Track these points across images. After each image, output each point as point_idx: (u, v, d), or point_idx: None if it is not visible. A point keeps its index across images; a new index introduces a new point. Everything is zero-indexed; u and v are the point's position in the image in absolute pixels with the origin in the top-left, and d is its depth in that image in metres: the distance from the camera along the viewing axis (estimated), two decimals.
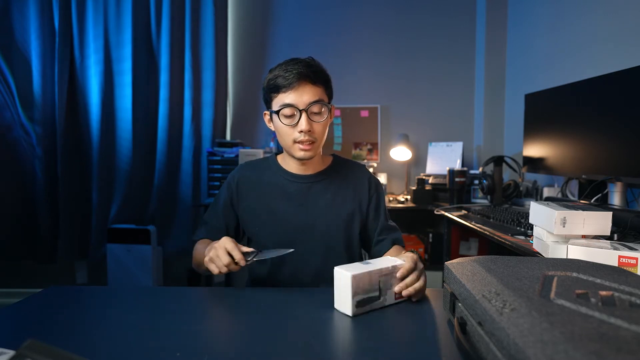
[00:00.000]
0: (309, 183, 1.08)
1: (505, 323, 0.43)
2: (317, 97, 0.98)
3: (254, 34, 2.72)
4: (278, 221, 1.05)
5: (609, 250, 0.80)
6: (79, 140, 2.39)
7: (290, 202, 1.06)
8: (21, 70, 2.25)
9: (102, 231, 2.39)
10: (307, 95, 0.97)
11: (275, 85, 0.98)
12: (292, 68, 0.96)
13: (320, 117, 1.00)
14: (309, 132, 0.98)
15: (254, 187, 1.09)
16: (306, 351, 0.60)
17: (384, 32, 2.71)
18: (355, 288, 0.71)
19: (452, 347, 0.60)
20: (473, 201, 2.29)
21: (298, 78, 0.96)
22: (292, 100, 0.97)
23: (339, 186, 1.09)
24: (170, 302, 0.80)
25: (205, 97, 2.54)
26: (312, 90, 0.98)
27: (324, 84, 1.02)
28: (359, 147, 2.70)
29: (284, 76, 0.96)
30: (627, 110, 1.32)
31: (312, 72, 0.97)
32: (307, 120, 0.97)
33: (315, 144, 1.01)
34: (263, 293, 0.86)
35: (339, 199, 1.08)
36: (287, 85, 0.96)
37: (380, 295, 0.75)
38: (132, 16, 2.35)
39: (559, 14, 2.02)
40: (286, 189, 1.07)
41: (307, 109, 0.97)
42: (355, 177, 1.12)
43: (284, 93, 0.97)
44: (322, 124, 1.00)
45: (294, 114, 0.98)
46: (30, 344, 0.35)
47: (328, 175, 1.10)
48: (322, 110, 1.00)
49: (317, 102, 0.98)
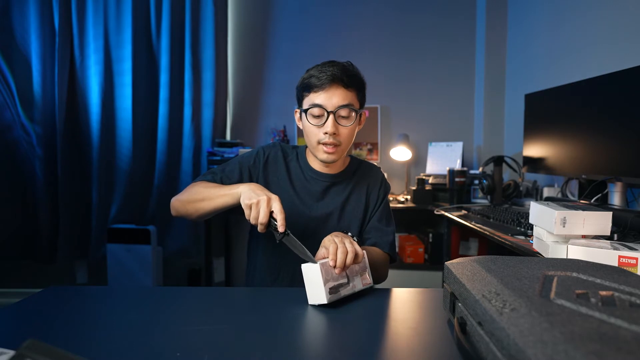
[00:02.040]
0: (330, 182, 1.09)
1: (505, 323, 0.43)
2: (347, 101, 0.98)
3: (254, 34, 2.72)
4: (296, 211, 1.06)
5: (609, 250, 0.80)
6: (79, 140, 2.39)
7: (308, 196, 1.08)
8: (21, 70, 2.25)
9: (102, 231, 2.39)
10: (337, 98, 0.97)
11: (308, 84, 0.98)
12: (327, 69, 0.97)
13: (347, 122, 1.00)
14: (333, 135, 0.98)
15: (280, 169, 1.10)
16: (306, 350, 0.60)
17: (384, 32, 2.71)
18: (325, 275, 0.75)
19: (452, 347, 0.59)
20: (473, 201, 2.29)
21: (331, 80, 0.96)
22: (321, 101, 0.97)
23: (355, 187, 1.11)
24: (170, 302, 0.80)
25: (205, 97, 2.54)
26: (343, 93, 0.98)
27: (357, 89, 1.02)
28: (359, 147, 2.70)
29: (317, 76, 0.97)
30: (627, 110, 1.32)
31: (345, 76, 0.97)
32: (334, 123, 0.97)
33: (339, 148, 1.01)
34: (263, 293, 0.86)
35: (354, 198, 1.10)
36: (318, 85, 0.97)
37: (349, 282, 0.80)
38: (132, 16, 2.35)
39: (558, 14, 2.02)
40: (307, 183, 1.09)
41: (336, 111, 0.97)
42: (370, 178, 1.14)
43: (315, 93, 0.98)
44: (349, 128, 1.01)
45: (322, 115, 0.98)
46: (30, 344, 0.35)
47: (347, 176, 1.12)
48: (351, 114, 1.00)
49: (346, 106, 0.98)
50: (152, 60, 2.46)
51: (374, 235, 1.09)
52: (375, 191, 1.13)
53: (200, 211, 0.97)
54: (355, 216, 1.09)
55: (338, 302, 0.78)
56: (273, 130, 2.63)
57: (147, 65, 2.45)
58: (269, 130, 2.69)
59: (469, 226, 1.56)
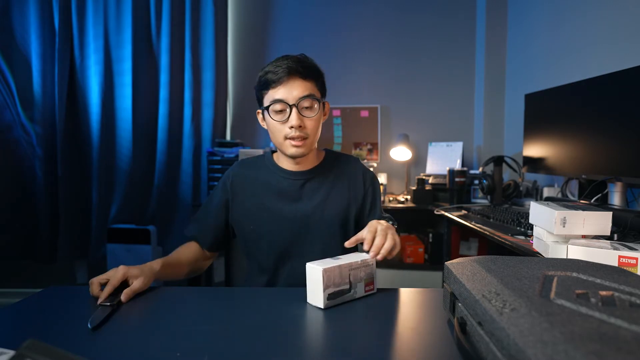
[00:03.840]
0: (303, 180, 1.06)
1: (505, 323, 0.43)
2: (308, 91, 0.97)
3: (254, 34, 2.72)
4: (274, 219, 1.04)
5: (609, 250, 0.80)
6: (79, 140, 2.39)
7: (285, 199, 1.05)
8: (21, 70, 2.25)
9: (102, 231, 2.39)
10: (297, 90, 0.96)
11: (265, 81, 0.97)
12: (282, 63, 0.95)
13: (311, 112, 0.98)
14: (299, 128, 0.96)
15: (248, 185, 1.08)
16: (306, 350, 0.60)
17: (384, 32, 2.71)
18: (327, 281, 0.74)
19: (452, 347, 0.59)
20: (473, 201, 2.29)
21: (287, 73, 0.95)
22: (281, 96, 0.96)
23: (334, 181, 1.08)
24: (170, 302, 0.80)
25: (205, 97, 2.54)
26: (302, 85, 0.96)
27: (315, 78, 1.00)
28: (359, 147, 2.70)
29: (273, 71, 0.96)
30: (627, 110, 1.32)
31: (301, 67, 0.96)
32: (298, 115, 0.96)
33: (307, 141, 0.99)
34: (263, 292, 0.86)
35: (334, 194, 1.07)
36: (276, 80, 0.95)
37: (351, 289, 0.79)
38: (132, 16, 2.35)
39: (558, 14, 2.02)
40: (280, 186, 1.06)
41: (297, 103, 0.96)
42: (349, 170, 1.11)
43: (274, 89, 0.96)
44: (313, 119, 0.99)
45: (284, 110, 0.96)
46: (30, 344, 0.35)
47: (322, 171, 1.09)
48: (313, 105, 0.98)
49: (307, 97, 0.96)
50: (152, 60, 2.46)
51: None
52: (359, 183, 1.10)
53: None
54: (336, 212, 1.06)
55: (344, 302, 0.77)
56: None
57: (147, 65, 2.45)
58: None
59: (469, 226, 1.56)
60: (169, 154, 2.47)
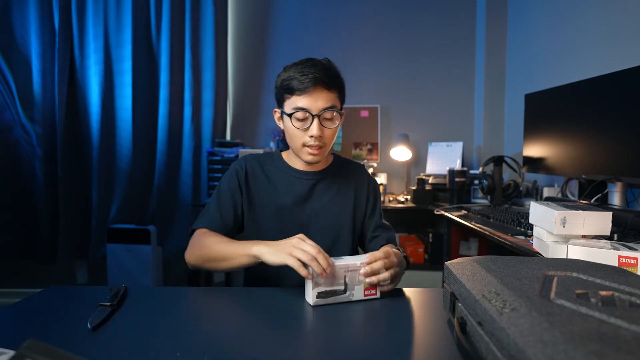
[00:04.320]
0: (315, 180, 1.09)
1: (505, 323, 0.43)
2: (331, 103, 0.98)
3: (254, 34, 2.72)
4: (283, 215, 1.06)
5: (609, 250, 0.80)
6: (79, 140, 2.39)
7: (295, 197, 1.07)
8: (21, 70, 2.25)
9: (102, 231, 2.39)
10: (322, 101, 0.96)
11: (289, 87, 0.97)
12: (309, 71, 0.95)
13: (331, 124, 1.00)
14: (319, 138, 0.98)
15: (260, 179, 1.09)
16: (306, 350, 0.60)
17: (384, 32, 2.71)
18: (316, 279, 0.75)
19: (452, 347, 0.60)
20: (473, 201, 2.29)
21: (314, 83, 0.95)
22: (305, 105, 0.96)
23: (341, 184, 1.12)
24: (170, 302, 0.80)
25: (205, 97, 2.54)
26: (327, 96, 0.97)
27: (339, 89, 1.01)
28: (359, 147, 2.70)
29: (299, 79, 0.95)
30: (627, 110, 1.32)
31: (327, 77, 0.97)
32: (319, 126, 0.97)
33: (323, 149, 1.01)
34: (263, 293, 0.86)
35: (341, 196, 1.10)
36: (301, 89, 0.95)
37: (346, 290, 0.78)
38: (132, 16, 2.35)
39: (558, 14, 2.02)
40: (292, 184, 1.08)
41: (320, 114, 0.97)
42: (355, 176, 1.15)
43: (298, 96, 0.96)
44: (332, 129, 1.01)
45: (306, 119, 0.97)
46: (30, 344, 0.35)
47: (331, 173, 1.12)
48: (334, 116, 1.00)
49: (330, 109, 0.98)
50: (152, 60, 2.46)
51: (382, 233, 1.10)
52: (364, 189, 1.13)
53: (219, 270, 0.97)
54: (344, 213, 1.09)
55: (338, 302, 0.78)
56: (273, 130, 2.62)
57: (147, 65, 2.45)
58: (269, 130, 2.69)
59: (469, 226, 1.56)
60: (169, 154, 2.47)
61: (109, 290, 0.81)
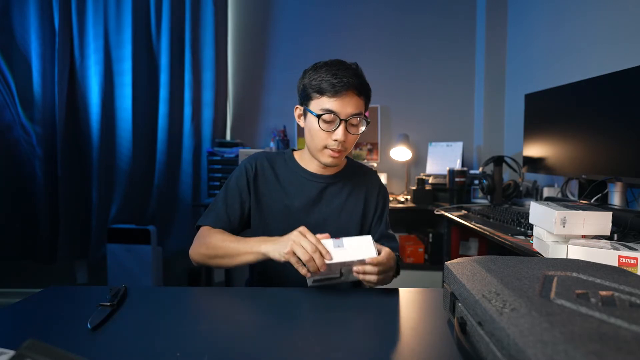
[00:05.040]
0: (326, 183, 1.09)
1: (505, 323, 0.43)
2: (359, 109, 0.98)
3: (254, 34, 2.72)
4: (290, 217, 1.05)
5: (609, 250, 0.80)
6: (79, 140, 2.39)
7: (305, 200, 1.07)
8: (21, 70, 2.25)
9: (102, 231, 2.39)
10: (351, 107, 0.97)
11: (319, 87, 0.96)
12: (342, 75, 0.95)
13: (356, 130, 1.01)
14: (342, 142, 0.98)
15: (269, 179, 1.08)
16: (306, 350, 0.60)
17: (384, 32, 2.71)
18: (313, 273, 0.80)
19: (452, 347, 0.59)
20: (473, 201, 2.29)
21: (347, 87, 0.95)
22: (335, 108, 0.96)
23: (352, 189, 1.11)
24: (170, 302, 0.80)
25: (205, 97, 2.54)
26: (357, 102, 0.98)
27: (367, 96, 1.02)
28: (359, 147, 2.70)
29: (331, 82, 0.95)
30: (627, 110, 1.32)
31: (359, 84, 0.97)
32: (344, 131, 0.97)
33: (343, 153, 1.02)
34: (263, 293, 0.86)
35: (352, 201, 1.10)
36: (333, 91, 0.95)
37: (342, 276, 0.85)
38: (132, 16, 2.35)
39: (558, 14, 2.02)
40: (302, 187, 1.08)
41: (348, 119, 0.97)
42: (367, 182, 1.14)
43: (329, 98, 0.96)
44: (356, 136, 1.02)
45: (333, 122, 0.97)
46: (30, 344, 0.35)
47: (343, 177, 1.11)
48: (360, 122, 1.00)
49: (357, 115, 0.98)
50: (152, 60, 2.46)
51: (385, 243, 1.08)
52: (374, 196, 1.13)
53: (225, 267, 0.97)
54: (352, 219, 1.09)
55: (338, 302, 0.78)
56: (273, 131, 2.62)
57: (147, 65, 2.45)
58: (269, 130, 2.70)
59: (469, 226, 1.56)
60: (169, 154, 2.47)
61: (109, 290, 0.81)
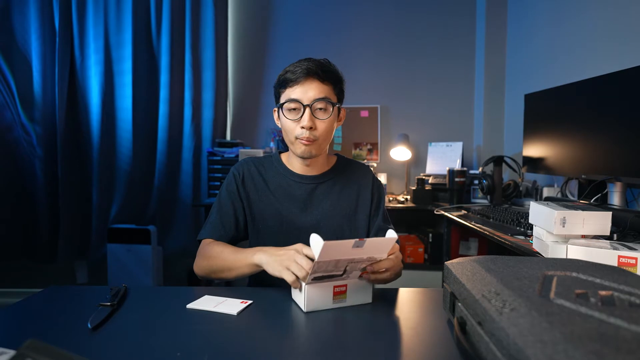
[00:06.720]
0: (314, 184, 1.07)
1: (505, 323, 0.43)
2: (324, 94, 0.97)
3: (254, 34, 2.72)
4: (282, 222, 1.04)
5: (609, 250, 0.80)
6: (79, 140, 2.39)
7: (295, 203, 1.05)
8: (21, 70, 2.25)
9: (102, 231, 2.39)
10: (313, 91, 0.97)
11: (283, 80, 0.98)
12: (302, 64, 0.97)
13: (324, 115, 0.98)
14: (310, 129, 0.97)
15: (259, 184, 1.07)
16: (306, 350, 0.60)
17: (384, 32, 2.71)
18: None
19: (452, 347, 0.60)
20: (473, 201, 2.29)
21: (306, 74, 0.96)
22: (297, 95, 0.97)
23: (343, 186, 1.09)
24: (171, 302, 0.80)
25: (205, 97, 2.54)
26: (319, 87, 0.97)
27: (333, 83, 1.01)
28: (359, 147, 2.70)
29: (292, 71, 0.97)
30: (627, 110, 1.32)
31: (321, 70, 0.97)
32: (310, 117, 0.96)
33: (316, 142, 0.99)
34: (264, 292, 0.86)
35: (343, 200, 1.08)
36: (294, 79, 0.96)
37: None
38: (132, 16, 2.35)
39: (558, 14, 2.02)
40: (291, 190, 1.06)
41: (311, 104, 0.96)
42: (359, 177, 1.12)
43: (291, 88, 0.97)
44: (325, 122, 0.99)
45: (298, 109, 0.97)
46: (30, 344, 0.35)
47: (332, 176, 1.09)
48: (327, 108, 0.99)
49: (322, 99, 0.97)
50: (152, 60, 2.46)
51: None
52: (368, 191, 1.11)
53: (227, 279, 0.97)
54: (346, 218, 1.07)
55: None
56: (273, 131, 2.62)
57: (147, 65, 2.45)
58: (269, 131, 2.69)
59: (469, 226, 1.56)
60: (169, 154, 2.47)
61: (109, 290, 0.81)
